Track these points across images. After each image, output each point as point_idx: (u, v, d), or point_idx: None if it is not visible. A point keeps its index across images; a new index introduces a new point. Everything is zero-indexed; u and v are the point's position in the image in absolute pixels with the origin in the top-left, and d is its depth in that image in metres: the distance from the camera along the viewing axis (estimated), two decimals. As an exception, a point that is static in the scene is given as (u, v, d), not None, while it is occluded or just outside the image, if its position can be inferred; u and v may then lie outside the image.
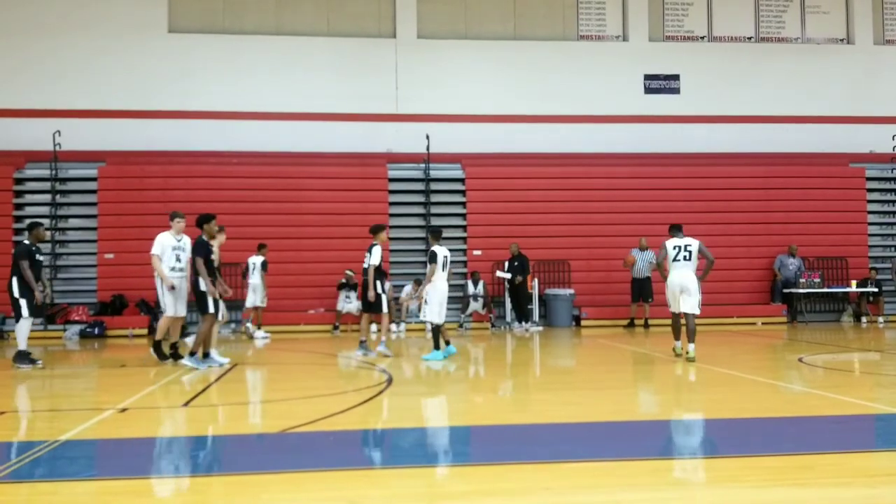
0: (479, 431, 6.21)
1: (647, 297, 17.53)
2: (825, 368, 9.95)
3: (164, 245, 10.71)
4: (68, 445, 5.44)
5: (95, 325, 16.49)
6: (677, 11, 21.38)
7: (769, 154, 20.49)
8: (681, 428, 6.30)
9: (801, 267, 18.87)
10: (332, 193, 18.55)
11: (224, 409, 7.24)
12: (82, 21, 19.34)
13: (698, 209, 19.15)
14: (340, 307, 17.37)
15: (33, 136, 18.32)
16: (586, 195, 19.09)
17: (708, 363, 10.27)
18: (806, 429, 5.92)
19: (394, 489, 4.33)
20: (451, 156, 19.50)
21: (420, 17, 20.46)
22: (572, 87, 20.47)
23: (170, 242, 10.73)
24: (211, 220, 10.51)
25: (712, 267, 10.81)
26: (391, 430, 6.31)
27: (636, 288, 17.64)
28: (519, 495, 4.24)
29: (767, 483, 4.32)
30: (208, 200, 17.98)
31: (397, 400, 7.67)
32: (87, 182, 18.45)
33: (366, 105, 19.74)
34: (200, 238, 10.29)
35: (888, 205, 20.61)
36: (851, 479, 4.42)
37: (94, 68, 19.18)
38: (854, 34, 21.69)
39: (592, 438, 5.77)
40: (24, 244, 10.82)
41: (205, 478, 4.43)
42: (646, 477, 4.57)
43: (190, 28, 19.84)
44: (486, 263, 18.46)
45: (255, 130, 19.43)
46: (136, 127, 19.05)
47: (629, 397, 8.09)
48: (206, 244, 10.28)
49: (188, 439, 5.77)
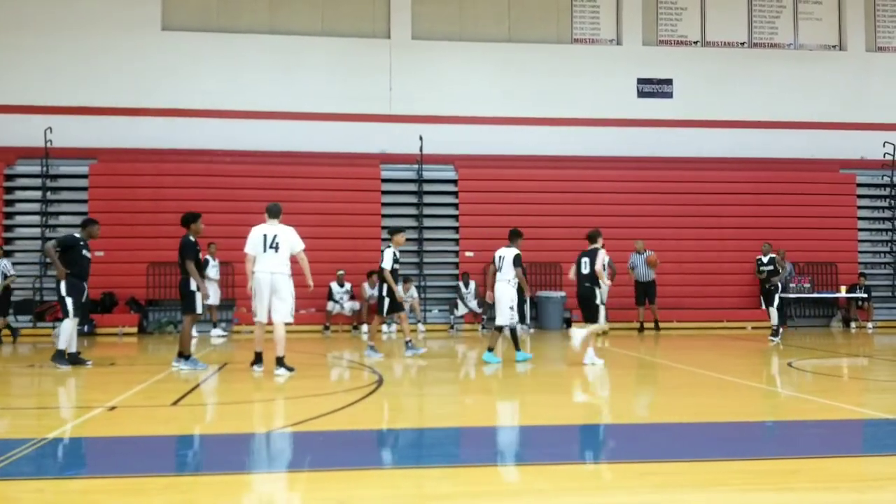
0: (468, 432, 6.22)
1: (651, 300, 17.56)
2: (814, 373, 9.99)
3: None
4: (56, 443, 5.41)
5: (85, 323, 16.42)
6: (671, 16, 21.45)
7: (761, 159, 20.58)
8: (668, 431, 6.31)
9: (792, 272, 18.94)
10: (324, 193, 18.53)
11: (213, 409, 7.22)
12: (75, 18, 19.27)
13: (689, 213, 19.25)
14: (331, 308, 17.35)
15: (25, 132, 18.23)
16: (578, 198, 19.12)
17: (697, 367, 10.30)
18: (794, 433, 5.94)
19: (383, 489, 4.32)
20: (445, 157, 19.51)
21: (414, 17, 20.47)
22: (566, 90, 20.51)
23: None
24: (197, 218, 10.04)
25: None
26: (381, 431, 6.31)
27: (640, 291, 17.64)
28: (508, 497, 4.25)
29: (754, 487, 4.34)
30: (200, 199, 17.93)
31: (388, 400, 7.66)
32: (79, 179, 18.40)
33: (359, 105, 19.73)
34: (187, 238, 9.84)
35: (878, 211, 20.72)
36: (838, 483, 4.44)
37: (86, 65, 19.11)
38: (846, 41, 21.80)
39: (580, 441, 5.77)
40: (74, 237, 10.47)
41: (193, 477, 4.42)
42: (633, 480, 4.58)
43: (183, 26, 19.80)
44: (479, 265, 18.46)
45: (247, 129, 19.40)
46: (128, 125, 18.99)
47: (617, 400, 8.10)
48: (194, 244, 9.86)
49: (177, 438, 5.75)
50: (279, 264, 9.51)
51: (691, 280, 19.12)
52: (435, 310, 18.58)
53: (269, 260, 9.48)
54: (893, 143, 20.39)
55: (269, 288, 9.50)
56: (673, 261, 18.64)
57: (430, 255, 19.08)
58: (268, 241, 9.51)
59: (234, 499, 4.19)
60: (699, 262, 19.18)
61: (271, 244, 9.49)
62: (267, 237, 9.53)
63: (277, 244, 9.50)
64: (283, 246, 9.52)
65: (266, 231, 9.59)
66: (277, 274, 9.50)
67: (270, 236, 9.53)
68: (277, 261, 9.50)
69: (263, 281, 9.49)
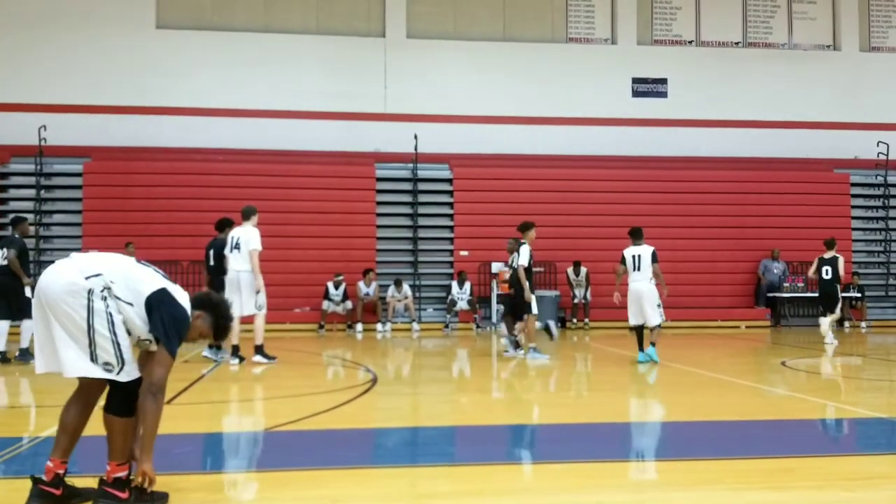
0: (463, 431, 6.22)
1: None
2: (808, 372, 10.02)
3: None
4: (49, 442, 5.39)
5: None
6: (665, 16, 21.48)
7: (755, 158, 20.62)
8: (662, 430, 6.33)
9: (785, 271, 19.00)
10: (318, 192, 18.50)
11: (207, 408, 7.21)
12: (70, 15, 19.22)
13: (683, 212, 19.27)
14: (326, 307, 17.34)
15: (18, 130, 18.15)
16: (573, 197, 19.13)
17: (690, 366, 10.32)
18: (787, 432, 5.96)
19: (377, 488, 4.32)
20: (439, 156, 19.51)
21: (409, 16, 20.46)
22: (560, 90, 20.52)
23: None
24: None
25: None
26: (375, 430, 6.31)
27: None
28: (502, 496, 4.25)
29: (747, 486, 4.35)
30: (193, 197, 17.96)
31: (382, 399, 7.66)
32: (73, 177, 18.34)
33: (354, 104, 19.71)
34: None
35: (872, 211, 20.79)
36: (831, 482, 4.45)
37: (81, 63, 19.05)
38: (840, 41, 21.86)
39: (574, 440, 5.78)
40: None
41: (185, 476, 4.41)
42: (627, 478, 4.59)
43: (178, 24, 19.75)
44: (473, 264, 18.48)
45: (241, 128, 19.37)
46: (122, 123, 18.94)
47: (611, 399, 8.11)
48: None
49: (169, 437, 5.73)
50: (242, 263, 10.29)
51: (685, 279, 19.08)
52: (430, 308, 18.58)
53: (234, 260, 10.36)
54: (887, 143, 20.44)
55: (237, 285, 10.23)
56: (667, 260, 18.55)
57: (425, 254, 19.07)
58: (233, 242, 10.41)
59: (227, 498, 4.19)
60: (693, 261, 19.19)
61: (235, 245, 10.38)
62: (233, 239, 10.43)
63: (239, 245, 10.33)
64: (243, 246, 10.31)
65: (234, 233, 10.51)
66: (242, 272, 10.27)
67: (235, 238, 10.41)
68: (241, 260, 10.30)
69: (232, 279, 10.30)
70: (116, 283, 3.75)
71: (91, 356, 3.67)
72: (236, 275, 10.27)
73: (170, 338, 3.75)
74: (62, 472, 3.83)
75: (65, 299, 3.65)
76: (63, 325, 3.67)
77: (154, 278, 3.87)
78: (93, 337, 3.66)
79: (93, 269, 3.75)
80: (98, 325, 3.67)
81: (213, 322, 4.01)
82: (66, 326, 3.66)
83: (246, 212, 10.67)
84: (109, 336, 3.68)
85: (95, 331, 3.66)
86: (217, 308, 4.04)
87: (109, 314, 3.70)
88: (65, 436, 3.88)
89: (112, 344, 3.69)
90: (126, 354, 3.75)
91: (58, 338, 3.69)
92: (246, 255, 10.26)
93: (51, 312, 3.67)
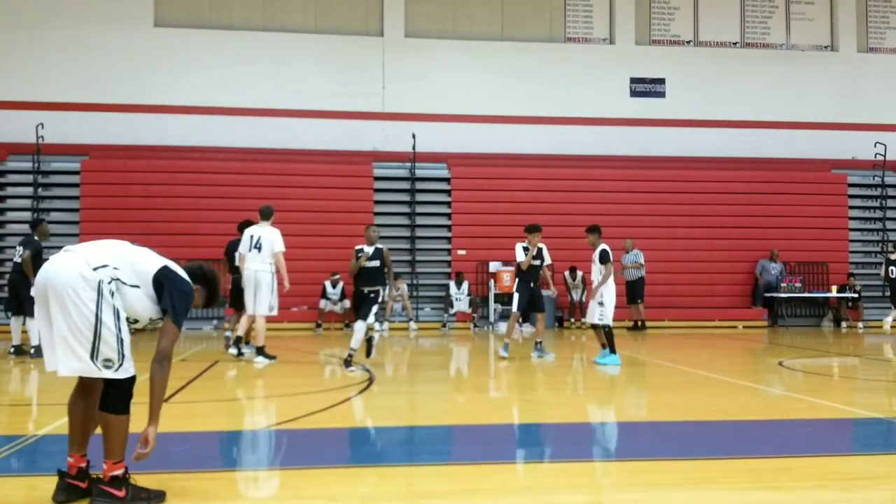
0: (459, 431, 6.22)
1: (638, 299, 17.58)
2: (805, 372, 10.03)
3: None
4: (47, 440, 5.40)
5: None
6: (664, 16, 21.49)
7: (752, 159, 20.64)
8: (659, 430, 6.33)
9: (783, 271, 19.02)
10: (316, 191, 18.50)
11: (204, 406, 7.20)
12: (68, 13, 19.19)
13: (681, 212, 19.29)
14: (323, 306, 17.34)
15: (16, 128, 18.13)
16: (571, 197, 19.12)
17: (687, 366, 10.33)
18: (784, 432, 5.97)
19: (374, 487, 4.33)
20: (437, 155, 19.51)
21: (408, 15, 20.45)
22: (558, 89, 20.52)
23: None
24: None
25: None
26: (372, 429, 6.31)
27: (630, 290, 17.65)
28: (499, 495, 4.25)
29: (744, 485, 4.35)
30: (191, 196, 17.96)
31: (378, 399, 7.66)
32: (70, 175, 18.31)
33: (352, 103, 19.70)
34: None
35: (869, 211, 20.81)
36: (828, 482, 4.46)
37: (78, 61, 19.02)
38: (838, 41, 21.88)
39: (572, 439, 5.79)
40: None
41: (182, 474, 4.41)
42: (624, 477, 4.60)
43: (176, 22, 19.73)
44: (471, 263, 18.49)
45: (240, 126, 19.35)
46: (121, 121, 18.92)
47: (609, 399, 8.12)
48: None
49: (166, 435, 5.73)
50: (261, 263, 10.27)
51: (682, 279, 19.18)
52: (427, 308, 18.58)
53: (253, 259, 10.29)
54: (885, 144, 20.46)
55: (254, 284, 10.20)
56: (664, 259, 18.71)
57: (423, 253, 19.08)
58: (253, 241, 10.32)
59: (224, 496, 4.19)
60: (691, 261, 19.23)
61: (255, 244, 10.30)
62: (253, 238, 10.34)
63: (260, 245, 10.29)
64: (266, 246, 10.31)
65: (254, 232, 10.41)
66: (260, 272, 10.25)
67: (256, 237, 10.33)
68: (260, 260, 10.27)
69: (249, 278, 10.27)
70: (121, 268, 3.83)
71: (92, 352, 3.69)
72: (254, 274, 10.23)
73: (177, 311, 3.91)
74: (84, 465, 3.90)
75: (74, 289, 3.67)
76: (67, 318, 3.67)
77: (154, 257, 4.03)
78: (99, 330, 3.69)
79: (99, 259, 3.79)
80: (106, 318, 3.71)
81: (207, 294, 4.26)
82: (71, 318, 3.67)
83: (265, 211, 10.62)
84: (115, 331, 3.74)
85: (103, 323, 3.70)
86: (212, 282, 4.27)
87: (117, 310, 3.76)
88: (77, 429, 3.95)
89: (116, 339, 3.74)
90: (127, 351, 3.80)
91: (56, 333, 3.70)
92: (267, 255, 10.26)
93: (56, 303, 3.68)
